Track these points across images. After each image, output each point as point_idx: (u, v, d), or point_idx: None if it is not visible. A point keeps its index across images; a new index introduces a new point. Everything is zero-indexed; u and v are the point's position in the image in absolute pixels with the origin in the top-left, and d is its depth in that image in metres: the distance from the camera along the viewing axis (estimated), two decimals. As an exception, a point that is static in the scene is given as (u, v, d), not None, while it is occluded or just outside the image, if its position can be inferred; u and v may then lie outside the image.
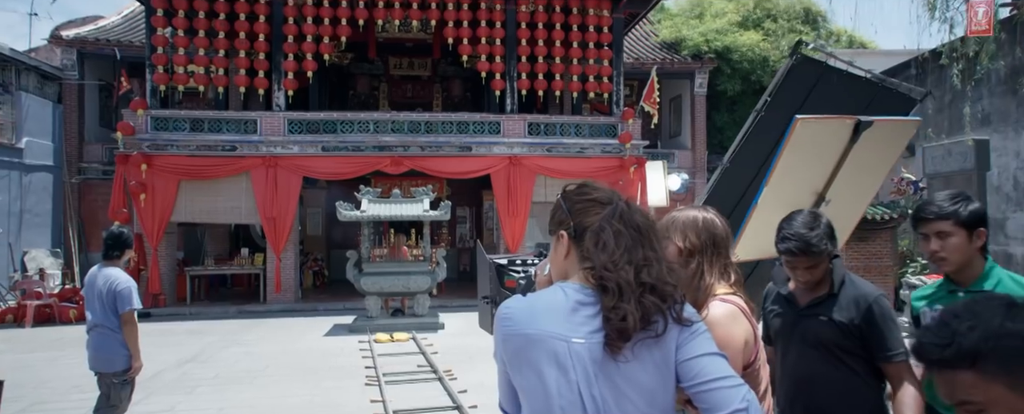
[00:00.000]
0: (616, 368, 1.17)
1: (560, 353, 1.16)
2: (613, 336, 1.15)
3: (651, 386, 1.18)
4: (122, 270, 4.34)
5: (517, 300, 1.23)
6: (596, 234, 1.22)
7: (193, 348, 8.62)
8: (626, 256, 1.20)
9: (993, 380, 0.88)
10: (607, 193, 1.30)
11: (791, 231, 1.98)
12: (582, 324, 1.18)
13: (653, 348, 1.19)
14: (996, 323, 0.87)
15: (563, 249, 1.28)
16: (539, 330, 1.17)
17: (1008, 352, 0.86)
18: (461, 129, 13.36)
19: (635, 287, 1.17)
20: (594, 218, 1.25)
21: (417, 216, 10.03)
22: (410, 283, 9.95)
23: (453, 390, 6.09)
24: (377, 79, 17.50)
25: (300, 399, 6.04)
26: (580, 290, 1.21)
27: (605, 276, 1.18)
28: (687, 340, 1.21)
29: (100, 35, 15.56)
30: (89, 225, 14.47)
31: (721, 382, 1.17)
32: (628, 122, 13.56)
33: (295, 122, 12.89)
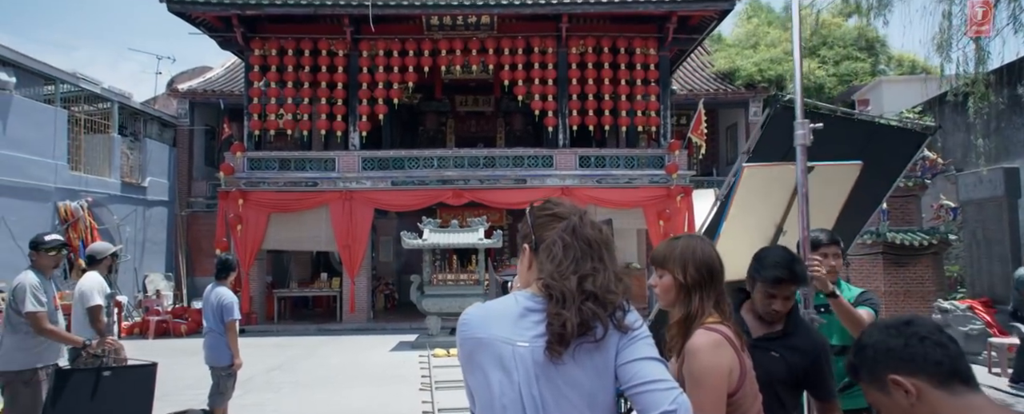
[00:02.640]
0: (557, 370, 1.21)
1: (505, 355, 1.22)
2: (553, 340, 1.20)
3: (590, 388, 1.22)
4: (228, 288, 5.70)
5: (475, 307, 1.32)
6: (549, 247, 1.28)
7: (279, 359, 10.08)
8: (573, 266, 1.25)
9: (869, 386, 1.15)
10: (567, 208, 1.35)
11: (778, 259, 2.06)
12: (528, 329, 1.23)
13: (594, 353, 1.23)
14: (868, 344, 1.15)
15: (526, 261, 1.35)
16: (489, 334, 1.24)
17: (864, 362, 1.15)
18: (517, 163, 14.53)
19: (577, 295, 1.21)
20: (551, 232, 1.31)
21: (472, 244, 11.19)
22: (465, 304, 11.00)
23: (491, 395, 7.09)
24: (444, 116, 19.07)
25: (363, 401, 7.23)
26: (531, 298, 1.27)
27: (550, 285, 1.23)
28: (626, 345, 1.25)
29: (207, 86, 18.06)
30: (194, 252, 16.65)
31: (654, 385, 1.19)
32: (674, 153, 14.27)
33: (368, 160, 14.50)
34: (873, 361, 1.16)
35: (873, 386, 1.17)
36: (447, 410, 6.54)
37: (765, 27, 20.08)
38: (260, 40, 14.30)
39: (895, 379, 1.11)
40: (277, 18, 14.11)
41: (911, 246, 9.95)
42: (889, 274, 9.79)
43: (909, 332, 1.14)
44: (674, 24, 14.07)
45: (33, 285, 4.24)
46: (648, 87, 14.59)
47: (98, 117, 14.43)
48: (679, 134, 15.72)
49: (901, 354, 1.12)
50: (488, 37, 14.37)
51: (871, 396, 1.20)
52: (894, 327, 1.16)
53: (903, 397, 1.11)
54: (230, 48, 15.45)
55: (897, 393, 1.12)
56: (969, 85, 7.78)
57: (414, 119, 18.80)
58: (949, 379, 1.09)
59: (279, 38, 14.30)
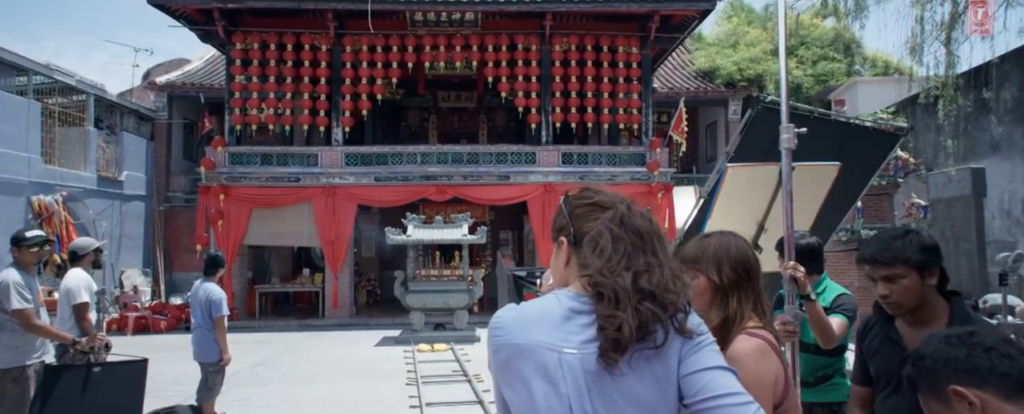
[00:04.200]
0: (612, 381, 1.07)
1: (550, 364, 1.06)
2: (607, 347, 1.05)
3: (651, 401, 1.08)
4: (216, 284, 5.71)
5: (508, 309, 1.15)
6: (594, 239, 1.14)
7: (262, 354, 10.06)
8: (624, 262, 1.11)
9: (927, 397, 1.12)
10: (609, 197, 1.21)
11: (873, 238, 1.88)
12: (575, 333, 1.08)
13: (653, 360, 1.08)
14: (926, 355, 1.11)
15: (563, 256, 1.20)
16: (529, 340, 1.08)
17: (923, 372, 1.11)
18: (500, 159, 14.62)
19: (632, 294, 1.07)
20: (594, 223, 1.16)
21: (456, 240, 11.27)
22: (450, 300, 11.17)
23: (478, 390, 7.20)
24: (427, 111, 19.07)
25: (350, 394, 7.29)
26: (575, 298, 1.12)
27: (600, 282, 1.09)
28: (690, 352, 1.10)
29: (186, 79, 17.81)
30: (173, 247, 16.46)
31: (728, 399, 1.06)
32: (655, 151, 14.48)
33: (351, 155, 14.47)
34: (932, 372, 1.12)
35: (932, 397, 1.13)
36: (434, 404, 6.63)
37: (745, 26, 20.39)
38: (242, 34, 14.16)
39: (958, 391, 1.08)
40: (259, 11, 13.99)
41: (884, 243, 10.25)
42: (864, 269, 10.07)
43: (973, 342, 1.11)
44: (656, 23, 14.25)
45: (17, 282, 4.23)
46: (630, 85, 14.78)
47: (73, 110, 14.18)
48: (660, 132, 15.94)
49: (964, 365, 1.09)
50: (472, 34, 14.41)
51: (930, 408, 1.15)
52: (956, 337, 1.13)
53: (966, 409, 1.08)
54: (211, 41, 15.28)
55: (959, 405, 1.09)
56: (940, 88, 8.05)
57: (397, 115, 18.77)
58: (1017, 392, 1.06)
59: (261, 32, 14.18)
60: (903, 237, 1.78)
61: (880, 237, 1.83)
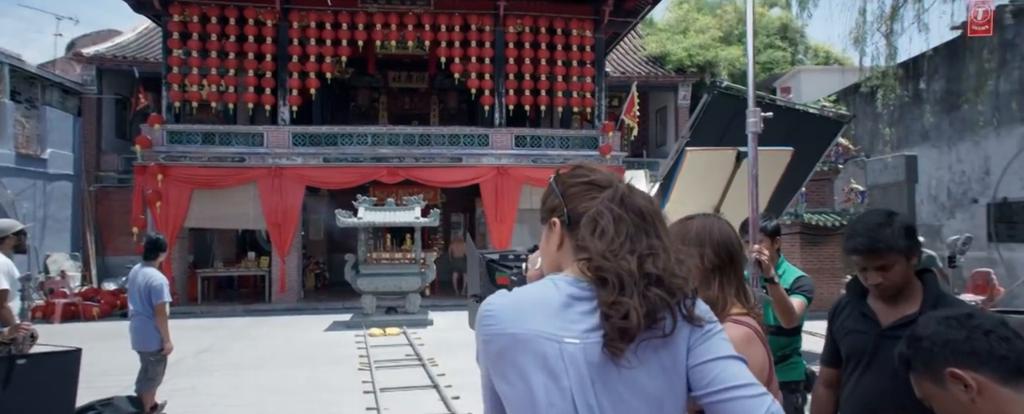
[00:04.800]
0: (617, 373, 1.00)
1: (550, 355, 0.99)
2: (613, 336, 0.98)
3: (658, 394, 1.01)
4: (157, 269, 5.42)
5: (501, 296, 1.07)
6: (593, 220, 1.06)
7: (207, 341, 9.70)
8: (628, 245, 1.04)
9: (921, 378, 1.12)
10: (605, 175, 1.13)
11: (860, 227, 1.81)
12: (576, 322, 1.01)
13: (660, 350, 1.02)
14: (922, 336, 1.12)
15: (556, 238, 1.12)
16: (526, 329, 1.00)
17: (919, 353, 1.12)
18: (453, 141, 14.45)
19: (638, 279, 1.01)
20: (591, 203, 1.08)
21: (409, 223, 11.10)
22: (402, 283, 11.03)
23: (433, 373, 7.14)
24: (377, 91, 18.63)
25: (301, 380, 7.10)
26: (574, 283, 1.04)
27: (603, 266, 1.02)
28: (700, 341, 1.04)
29: (117, 52, 16.76)
30: (105, 230, 15.60)
31: (741, 390, 1.01)
32: (608, 135, 14.61)
33: (299, 135, 14.00)
34: (929, 353, 1.12)
35: (926, 378, 1.13)
36: (388, 389, 6.54)
37: (695, 13, 20.73)
38: (180, 5, 13.41)
39: (954, 373, 1.08)
40: (198, -18, 13.27)
41: (824, 226, 10.71)
42: (805, 252, 10.51)
43: (972, 325, 1.11)
44: (610, 7, 14.29)
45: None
46: (584, 68, 14.81)
47: (-15, 81, 13.16)
48: (612, 116, 16.08)
49: (963, 347, 1.09)
50: (424, 13, 14.10)
51: (924, 389, 1.15)
52: (955, 319, 1.12)
53: (961, 392, 1.08)
54: (145, 12, 14.42)
55: (955, 387, 1.09)
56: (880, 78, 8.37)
57: (346, 94, 18.27)
58: (1015, 375, 1.06)
59: (201, 4, 13.46)
60: (889, 225, 1.75)
61: (865, 226, 1.79)
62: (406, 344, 9.19)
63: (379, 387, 6.54)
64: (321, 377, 7.25)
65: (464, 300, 13.99)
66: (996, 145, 9.51)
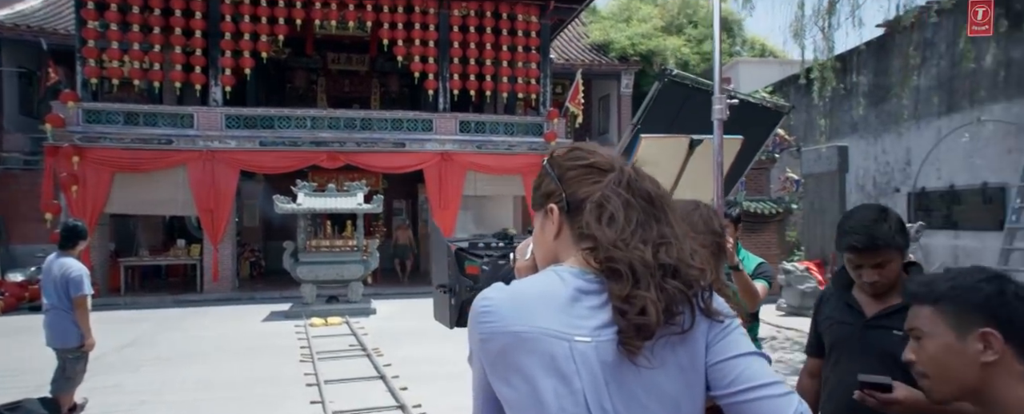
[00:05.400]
0: (633, 373, 0.92)
1: (559, 355, 0.90)
2: (629, 333, 0.90)
3: (674, 395, 0.94)
4: (76, 259, 5.00)
5: (499, 290, 0.97)
6: (599, 205, 0.98)
7: (131, 334, 9.12)
8: (639, 232, 0.96)
9: (942, 317, 1.14)
10: (606, 157, 1.04)
11: (855, 224, 1.74)
12: (585, 318, 0.92)
13: (677, 348, 0.94)
14: (962, 282, 1.14)
15: (553, 226, 1.03)
16: (531, 326, 0.91)
17: (958, 297, 1.13)
18: (395, 126, 14.11)
19: (654, 270, 0.93)
20: (592, 187, 1.00)
21: (351, 209, 10.77)
22: (344, 271, 10.72)
23: (379, 364, 6.96)
24: (315, 73, 17.95)
25: (239, 374, 6.78)
26: (580, 275, 0.96)
27: (615, 256, 0.93)
28: (719, 337, 0.98)
29: (19, 20, 15.36)
30: (10, 216, 14.39)
31: (767, 390, 0.94)
32: (553, 121, 14.62)
33: (232, 117, 13.32)
34: (969, 304, 1.10)
35: (944, 321, 1.12)
36: (332, 381, 6.32)
37: (638, 2, 20.96)
38: (96, -27, 12.43)
39: (990, 334, 1.07)
40: (118, -51, 12.33)
41: (762, 214, 11.11)
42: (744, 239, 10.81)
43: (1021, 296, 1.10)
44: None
45: None
46: (529, 54, 14.73)
47: None
48: (556, 103, 16.10)
49: (1005, 313, 1.08)
50: (367, -9, 13.63)
51: (927, 325, 1.15)
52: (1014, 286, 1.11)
53: (978, 352, 1.08)
54: (56, -21, 13.28)
55: (974, 346, 1.08)
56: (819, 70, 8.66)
57: (281, 75, 17.52)
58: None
59: (121, -28, 12.52)
60: (884, 220, 1.71)
61: (860, 222, 1.73)
62: (349, 334, 8.94)
63: (323, 379, 6.31)
64: (260, 370, 6.95)
65: (409, 288, 13.80)
66: (916, 137, 10.08)
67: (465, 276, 1.69)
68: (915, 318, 1.18)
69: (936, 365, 1.14)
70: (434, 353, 7.70)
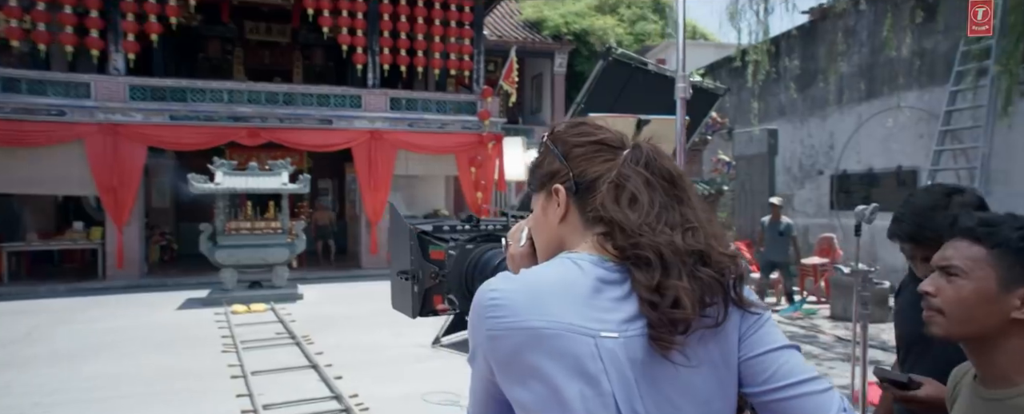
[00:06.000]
0: (663, 372, 0.84)
1: (585, 354, 0.81)
2: (662, 327, 0.83)
3: (706, 393, 0.87)
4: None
5: (509, 280, 0.87)
6: (618, 186, 0.90)
7: (21, 328, 8.30)
8: (663, 215, 0.89)
9: (995, 264, 1.08)
10: (615, 133, 0.97)
11: (905, 209, 1.57)
12: (609, 310, 0.84)
13: (709, 342, 0.87)
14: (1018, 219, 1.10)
15: (559, 209, 0.94)
16: (551, 321, 0.82)
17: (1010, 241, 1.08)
18: (322, 102, 13.50)
19: (685, 256, 0.86)
20: (604, 166, 0.92)
21: (275, 189, 10.23)
22: (268, 255, 10.20)
23: (310, 352, 6.66)
24: (231, 43, 16.87)
25: (154, 368, 6.29)
26: (599, 263, 0.87)
27: (641, 242, 0.85)
28: (752, 329, 0.91)
29: None
30: None
31: (807, 386, 0.88)
32: (487, 100, 14.45)
33: (138, 88, 12.31)
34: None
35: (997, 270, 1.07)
36: (260, 372, 5.99)
37: (571, -19, 20.96)
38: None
39: None
40: None
41: (693, 195, 11.42)
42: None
43: None
44: (490, -34, 13.98)
45: None
46: (462, 30, 14.43)
47: None
48: (489, 80, 15.91)
49: None
50: (289, -45, 12.88)
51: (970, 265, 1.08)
52: None
53: (1015, 308, 1.06)
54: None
55: (1012, 300, 1.06)
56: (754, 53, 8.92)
57: (194, 45, 16.35)
58: None
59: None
60: (945, 207, 1.51)
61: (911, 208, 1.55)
62: (275, 321, 8.52)
63: (249, 370, 5.96)
64: (178, 362, 6.48)
65: (336, 271, 13.38)
66: (839, 121, 10.65)
67: (429, 261, 1.62)
68: (957, 255, 1.11)
69: (963, 308, 1.10)
70: (368, 340, 7.48)
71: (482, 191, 13.87)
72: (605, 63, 6.53)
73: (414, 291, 1.61)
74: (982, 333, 1.10)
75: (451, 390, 5.43)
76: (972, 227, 1.11)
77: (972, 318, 1.09)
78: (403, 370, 6.22)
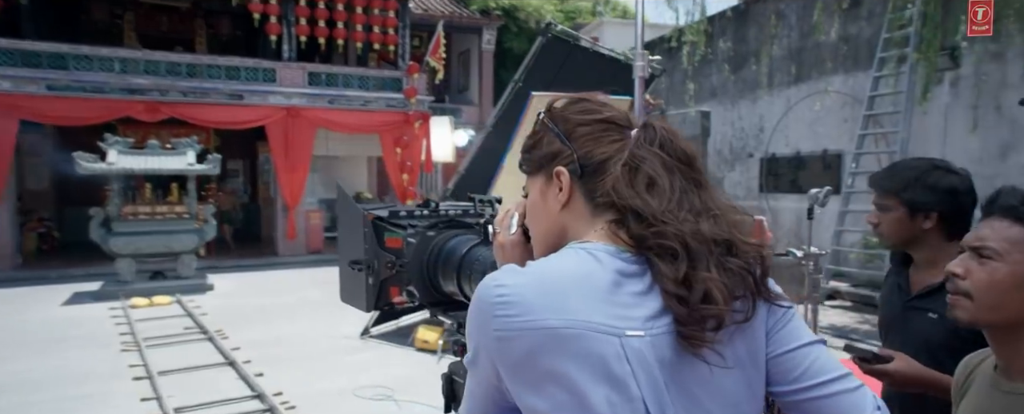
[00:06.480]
0: (693, 372, 0.80)
1: (610, 356, 0.76)
2: (693, 323, 0.78)
3: (735, 394, 0.83)
4: None
5: (517, 273, 0.81)
6: (634, 168, 0.85)
7: None
8: (684, 201, 0.84)
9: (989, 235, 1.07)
10: (620, 111, 0.92)
11: (896, 167, 1.73)
12: (631, 306, 0.79)
13: (736, 339, 0.83)
14: None
15: (561, 194, 0.89)
16: (571, 320, 0.76)
17: None
18: (231, 75, 12.76)
19: (712, 246, 0.81)
20: (612, 147, 0.87)
21: (180, 170, 9.60)
22: (173, 243, 9.58)
23: (225, 348, 6.30)
24: (120, 6, 15.60)
25: (39, 372, 5.75)
26: (616, 254, 0.82)
27: (665, 231, 0.80)
28: (780, 324, 0.88)
29: None
30: None
31: (840, 383, 0.86)
32: (413, 76, 14.11)
33: (6, 52, 11.16)
34: None
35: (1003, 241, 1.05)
36: (168, 372, 5.62)
37: (499, -46, 20.73)
38: None
39: None
40: None
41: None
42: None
43: None
44: (417, -67, 13.58)
45: None
46: (386, 1, 13.98)
47: None
48: (415, 56, 15.55)
49: None
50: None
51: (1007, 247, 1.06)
52: None
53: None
54: None
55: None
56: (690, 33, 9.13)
57: (74, 6, 15.00)
58: None
59: None
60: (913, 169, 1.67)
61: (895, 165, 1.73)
62: (183, 315, 8.02)
63: (155, 370, 5.57)
64: (67, 365, 5.97)
65: (249, 260, 12.77)
66: (768, 105, 11.12)
67: (385, 250, 1.55)
68: (994, 235, 1.07)
69: (995, 293, 1.06)
70: (289, 332, 7.20)
71: (408, 173, 13.60)
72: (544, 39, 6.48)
73: (368, 283, 1.54)
74: (1012, 320, 1.06)
75: (384, 383, 5.30)
76: (1016, 206, 1.06)
77: (1004, 304, 1.06)
78: (330, 364, 6.02)
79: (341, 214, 1.84)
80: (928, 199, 1.62)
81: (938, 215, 1.63)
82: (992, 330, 1.11)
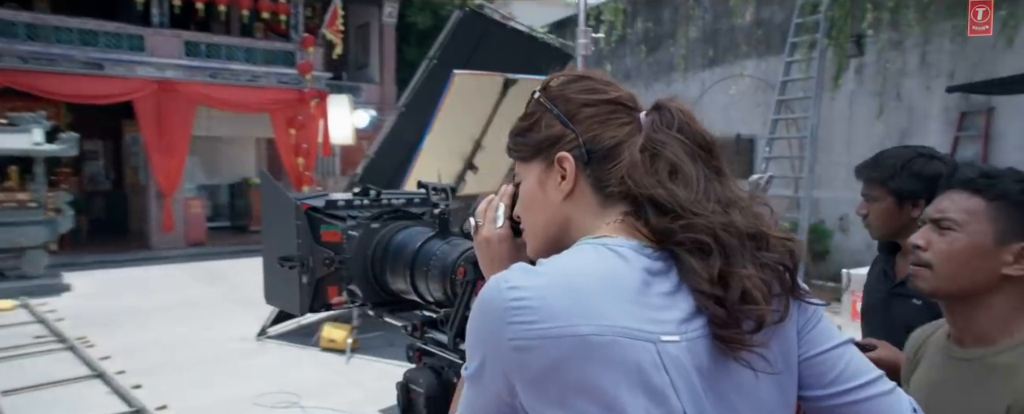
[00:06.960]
0: (731, 379, 0.76)
1: (646, 365, 0.71)
2: (733, 327, 0.74)
3: (768, 399, 0.80)
4: None
5: (531, 274, 0.75)
6: (654, 154, 0.80)
7: None
8: (710, 191, 0.79)
9: (993, 217, 1.12)
10: (628, 92, 0.88)
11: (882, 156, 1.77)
12: (662, 308, 0.74)
13: (771, 341, 0.79)
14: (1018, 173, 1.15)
15: (564, 183, 0.83)
16: (602, 326, 0.71)
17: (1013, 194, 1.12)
18: (87, 40, 11.51)
19: (745, 239, 0.77)
20: (621, 130, 0.82)
21: (25, 150, 8.51)
22: (17, 236, 8.50)
23: (91, 357, 5.61)
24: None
25: None
26: (639, 249, 0.77)
27: (695, 224, 0.76)
28: (811, 324, 0.85)
29: None
30: None
31: (875, 386, 0.84)
32: (308, 50, 13.37)
33: None
34: None
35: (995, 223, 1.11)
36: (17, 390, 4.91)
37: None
38: None
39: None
40: None
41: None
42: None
43: None
44: None
45: None
46: (275, -36, 13.11)
47: None
48: (308, 28, 14.72)
49: None
50: None
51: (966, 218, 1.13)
52: None
53: (1006, 264, 1.11)
54: None
55: (1005, 255, 1.11)
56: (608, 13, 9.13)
57: None
58: None
59: None
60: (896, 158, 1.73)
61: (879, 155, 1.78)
62: (32, 321, 7.12)
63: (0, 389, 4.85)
64: None
65: (111, 255, 11.62)
66: (684, 88, 11.40)
67: (321, 245, 1.48)
68: (953, 207, 1.15)
69: (953, 262, 1.13)
70: (170, 337, 6.60)
71: (304, 156, 12.90)
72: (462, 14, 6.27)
73: (302, 282, 1.46)
74: (969, 289, 1.14)
75: (288, 389, 4.96)
76: (973, 178, 1.13)
77: (961, 273, 1.13)
78: (223, 370, 5.54)
79: (267, 204, 1.67)
80: (915, 187, 1.68)
81: (925, 202, 1.62)
82: (949, 300, 1.18)
